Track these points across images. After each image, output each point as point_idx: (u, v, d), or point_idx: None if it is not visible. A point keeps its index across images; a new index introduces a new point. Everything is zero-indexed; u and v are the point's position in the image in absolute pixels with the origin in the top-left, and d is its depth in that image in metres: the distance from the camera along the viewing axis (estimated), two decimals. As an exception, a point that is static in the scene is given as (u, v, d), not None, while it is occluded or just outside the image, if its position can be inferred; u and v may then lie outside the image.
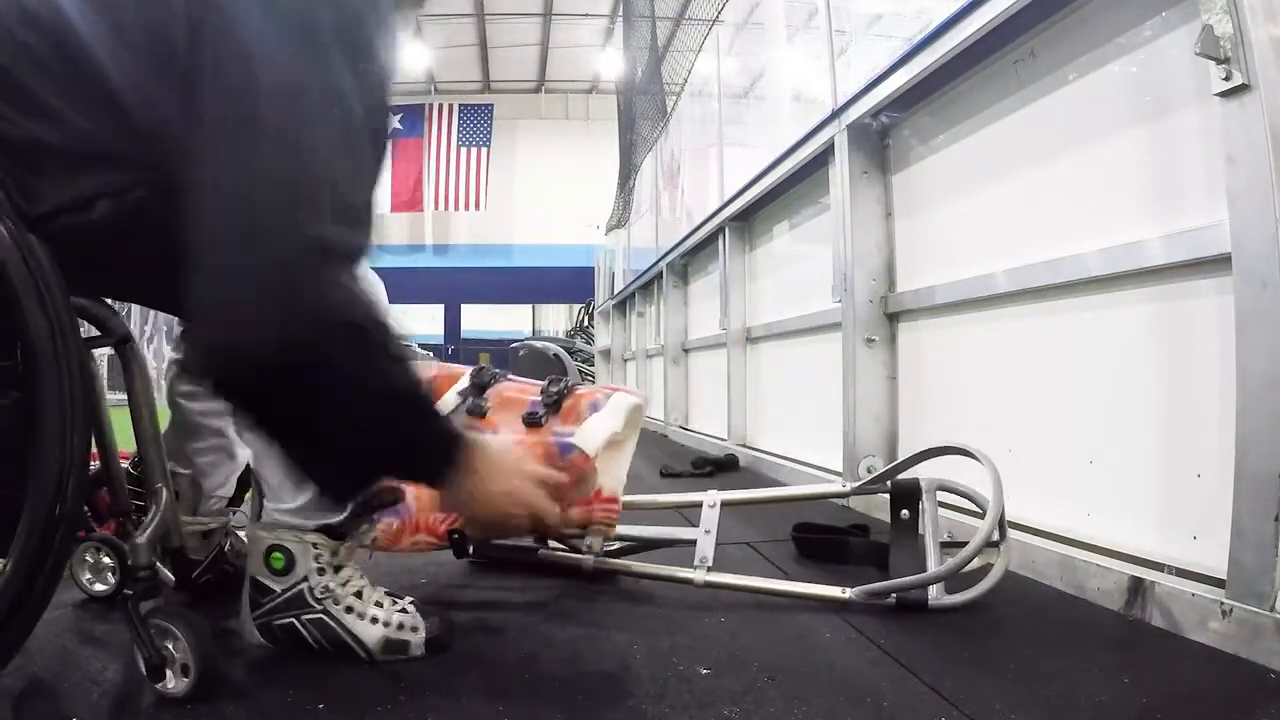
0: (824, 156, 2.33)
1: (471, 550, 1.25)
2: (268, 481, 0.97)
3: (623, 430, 1.15)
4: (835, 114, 2.19)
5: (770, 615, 1.19)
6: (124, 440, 0.92)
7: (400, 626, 0.97)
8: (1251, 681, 0.90)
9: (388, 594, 1.01)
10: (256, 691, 0.87)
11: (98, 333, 0.86)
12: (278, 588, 0.96)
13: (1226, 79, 1.01)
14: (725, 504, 1.34)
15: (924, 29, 1.75)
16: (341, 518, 0.96)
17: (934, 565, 1.18)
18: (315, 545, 0.96)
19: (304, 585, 0.96)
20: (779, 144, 2.73)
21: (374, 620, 0.96)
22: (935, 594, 1.15)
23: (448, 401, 1.21)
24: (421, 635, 0.97)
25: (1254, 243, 0.99)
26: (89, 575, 1.17)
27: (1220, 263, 1.09)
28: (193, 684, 0.83)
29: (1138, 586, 1.14)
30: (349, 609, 0.96)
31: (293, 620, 0.96)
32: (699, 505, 1.35)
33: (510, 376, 1.26)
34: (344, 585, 0.97)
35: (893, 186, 2.14)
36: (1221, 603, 1.00)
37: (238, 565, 1.17)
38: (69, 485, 0.72)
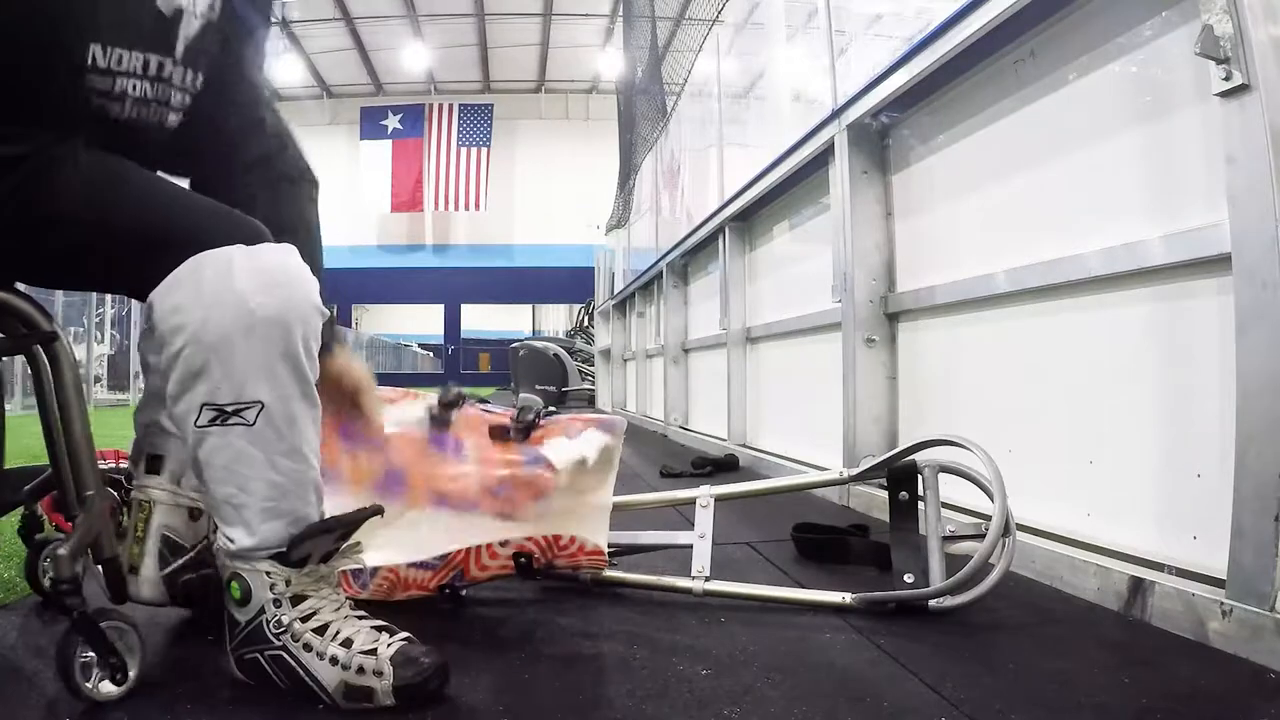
0: (824, 156, 2.34)
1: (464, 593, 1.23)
2: (220, 518, 0.87)
3: (597, 464, 1.13)
4: (835, 114, 2.19)
5: (770, 615, 1.19)
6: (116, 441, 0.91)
7: (361, 670, 0.83)
8: (1251, 681, 0.90)
9: (379, 627, 0.88)
10: (256, 694, 0.87)
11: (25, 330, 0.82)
12: (241, 619, 0.87)
13: (1226, 79, 1.01)
14: (720, 499, 1.34)
15: (924, 29, 1.75)
16: (293, 546, 0.85)
17: (936, 562, 1.18)
18: (269, 574, 0.85)
19: (261, 618, 0.86)
20: (779, 144, 2.73)
21: (333, 661, 0.84)
22: (937, 598, 1.15)
23: (410, 415, 1.17)
24: (389, 682, 0.82)
25: (1254, 243, 0.99)
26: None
27: (1220, 263, 1.09)
28: (129, 688, 0.82)
29: (1138, 586, 1.14)
30: (307, 646, 0.84)
31: (257, 655, 0.86)
32: (694, 502, 1.34)
33: (477, 405, 1.23)
34: (304, 619, 0.85)
35: (893, 186, 2.14)
36: (1221, 603, 1.00)
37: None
38: None
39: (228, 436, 0.82)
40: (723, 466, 2.91)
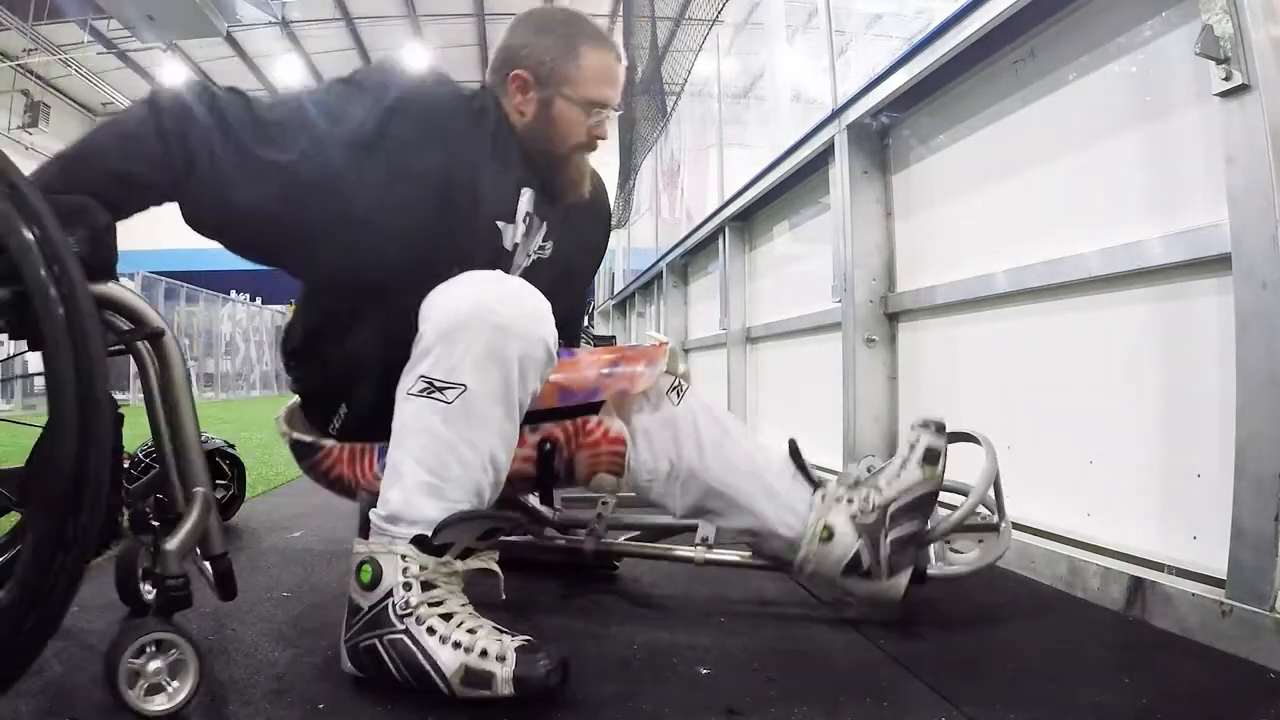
0: (824, 156, 2.33)
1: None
2: (386, 480, 0.93)
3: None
4: (835, 114, 2.19)
5: (771, 615, 1.19)
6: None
7: (484, 654, 0.82)
8: (1251, 681, 0.90)
9: (498, 628, 0.88)
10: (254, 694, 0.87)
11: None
12: (365, 604, 0.89)
13: (1226, 79, 1.01)
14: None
15: (924, 29, 1.75)
16: (438, 531, 0.89)
17: (933, 549, 1.17)
18: (404, 557, 0.88)
19: (389, 601, 0.87)
20: (779, 144, 2.73)
21: (456, 645, 0.84)
22: (935, 565, 1.15)
23: None
24: (510, 669, 0.81)
25: (1254, 243, 0.99)
26: None
27: (1220, 263, 1.09)
28: (184, 702, 0.79)
29: (1138, 586, 1.14)
30: (431, 630, 0.85)
31: (375, 642, 0.87)
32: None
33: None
34: (431, 604, 0.87)
35: (893, 186, 2.14)
36: (1221, 603, 1.00)
37: None
38: (85, 480, 0.68)
39: (425, 406, 0.91)
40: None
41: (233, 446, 1.91)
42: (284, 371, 1.17)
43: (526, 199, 1.10)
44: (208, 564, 0.90)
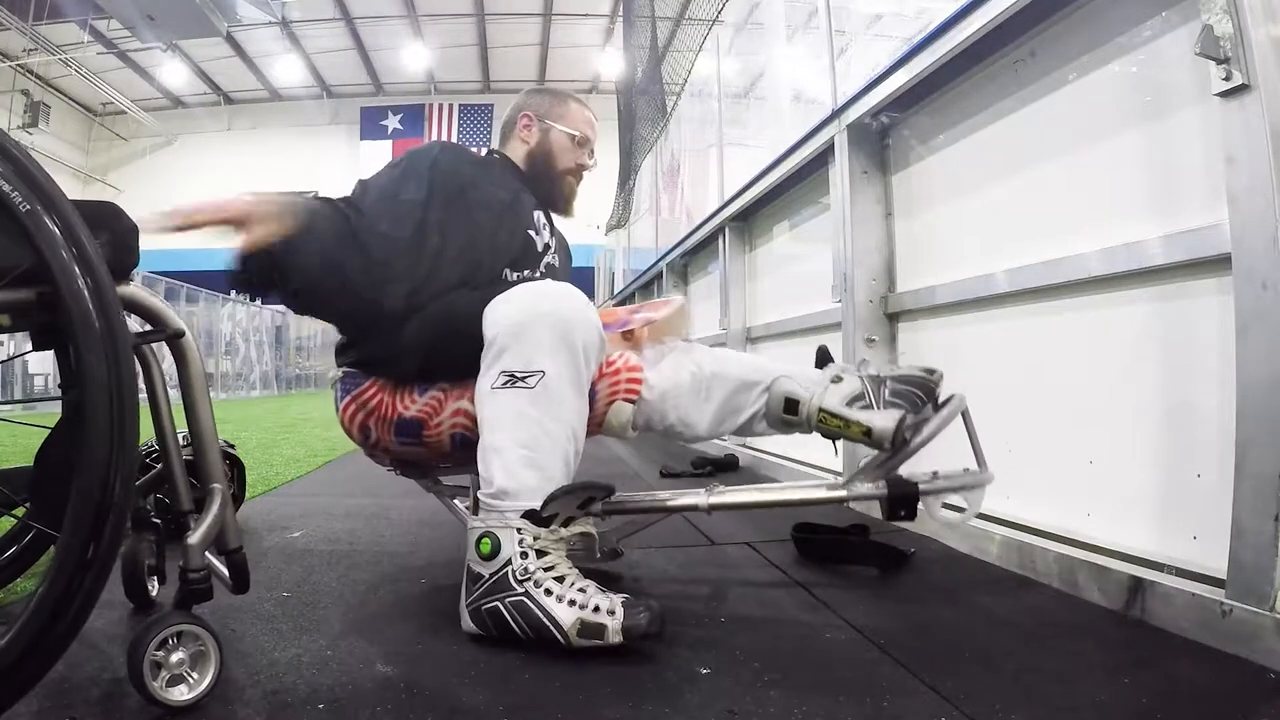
0: (824, 156, 2.33)
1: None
2: (484, 464, 1.07)
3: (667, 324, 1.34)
4: (835, 114, 2.19)
5: (770, 615, 1.19)
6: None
7: (596, 609, 0.98)
8: (1251, 681, 0.90)
9: (600, 587, 1.02)
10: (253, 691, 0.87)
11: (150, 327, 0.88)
12: (485, 573, 1.03)
13: (1226, 79, 1.01)
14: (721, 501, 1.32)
15: (924, 29, 1.75)
16: (545, 504, 1.02)
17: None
18: (520, 531, 1.02)
19: (508, 569, 1.02)
20: (779, 144, 2.73)
21: (571, 603, 0.99)
22: (927, 479, 1.16)
23: None
24: (619, 621, 0.97)
25: (1254, 243, 0.99)
26: None
27: (1220, 263, 1.09)
28: (205, 692, 0.83)
29: (1138, 586, 1.13)
30: (548, 591, 1.00)
31: (497, 604, 1.02)
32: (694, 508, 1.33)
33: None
34: (545, 570, 1.02)
35: (893, 186, 2.14)
36: (1221, 603, 1.00)
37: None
38: (116, 480, 0.71)
39: (511, 395, 1.05)
40: (723, 467, 2.91)
41: (232, 446, 1.91)
42: (334, 358, 1.33)
43: (539, 213, 1.39)
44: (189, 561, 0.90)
